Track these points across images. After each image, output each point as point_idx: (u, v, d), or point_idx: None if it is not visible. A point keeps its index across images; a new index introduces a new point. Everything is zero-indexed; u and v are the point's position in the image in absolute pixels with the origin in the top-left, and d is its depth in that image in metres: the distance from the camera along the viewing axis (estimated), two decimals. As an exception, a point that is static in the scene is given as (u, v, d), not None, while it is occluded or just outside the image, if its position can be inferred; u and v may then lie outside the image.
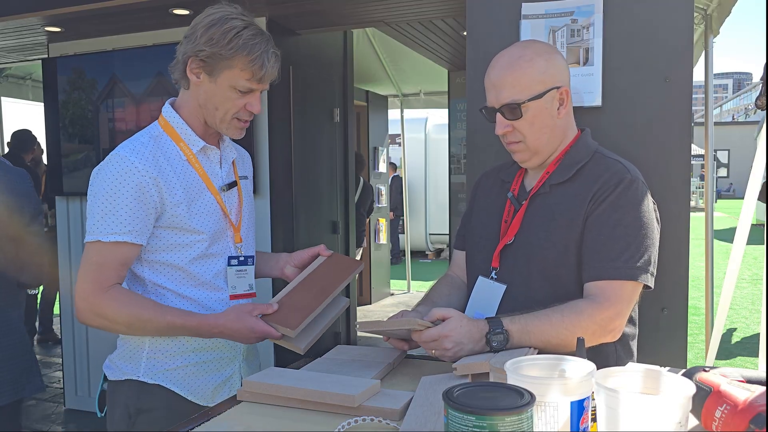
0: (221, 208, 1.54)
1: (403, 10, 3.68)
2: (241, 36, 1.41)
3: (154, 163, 1.44)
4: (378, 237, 7.44)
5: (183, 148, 1.50)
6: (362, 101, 6.89)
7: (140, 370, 1.49)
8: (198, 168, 1.51)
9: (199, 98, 1.49)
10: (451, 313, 1.29)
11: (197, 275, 1.51)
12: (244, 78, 1.44)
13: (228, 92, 1.46)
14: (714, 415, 0.93)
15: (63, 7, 3.34)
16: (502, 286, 1.44)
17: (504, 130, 1.43)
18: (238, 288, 1.57)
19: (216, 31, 1.41)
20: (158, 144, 1.48)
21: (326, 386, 1.15)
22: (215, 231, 1.52)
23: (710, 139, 3.77)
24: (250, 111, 1.50)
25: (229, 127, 1.52)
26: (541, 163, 1.48)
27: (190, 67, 1.46)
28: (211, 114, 1.50)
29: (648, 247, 1.35)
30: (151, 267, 1.49)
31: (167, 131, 1.51)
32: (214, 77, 1.45)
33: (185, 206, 1.46)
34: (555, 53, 1.45)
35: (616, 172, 1.39)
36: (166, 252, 1.48)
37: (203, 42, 1.42)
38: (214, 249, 1.53)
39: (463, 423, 0.71)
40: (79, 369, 4.09)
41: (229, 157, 1.62)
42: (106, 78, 3.78)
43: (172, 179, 1.46)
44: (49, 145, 4.01)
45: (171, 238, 1.47)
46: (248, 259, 1.60)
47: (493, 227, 1.51)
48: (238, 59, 1.42)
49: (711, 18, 3.70)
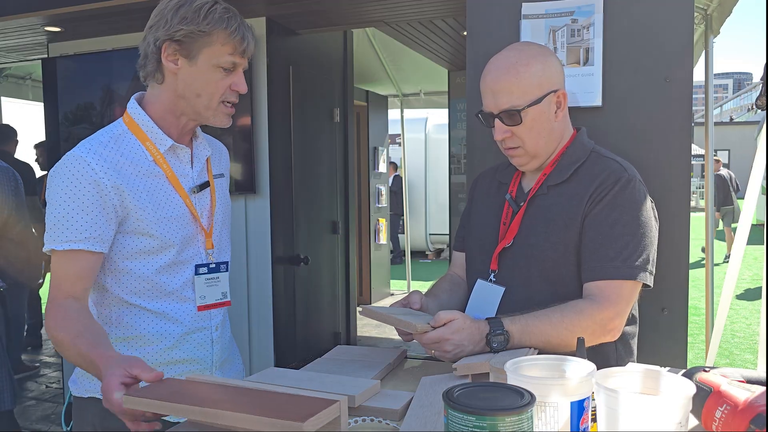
0: (191, 212, 1.44)
1: (403, 10, 3.68)
2: (216, 10, 1.34)
3: (114, 164, 1.34)
4: (378, 237, 7.44)
5: (149, 148, 1.40)
6: (362, 101, 6.89)
7: (93, 384, 1.39)
8: (166, 169, 1.41)
9: (177, 89, 1.38)
10: (456, 316, 1.29)
11: (162, 285, 1.40)
12: (227, 52, 1.36)
13: (210, 73, 1.37)
14: (714, 416, 0.93)
15: (63, 7, 3.34)
16: (501, 289, 1.44)
17: (503, 136, 1.42)
18: (209, 297, 1.47)
19: (187, 10, 1.33)
20: (120, 143, 1.38)
21: (326, 386, 1.15)
22: (183, 237, 1.42)
23: (710, 139, 3.77)
24: (236, 91, 1.41)
25: (216, 114, 1.41)
26: (539, 166, 1.48)
27: (166, 54, 1.35)
28: (192, 103, 1.39)
29: (646, 245, 1.35)
30: (114, 276, 1.38)
31: (132, 129, 1.40)
32: (193, 59, 1.35)
33: (151, 210, 1.37)
34: (550, 56, 1.44)
35: (613, 171, 1.39)
36: (130, 260, 1.38)
37: (176, 23, 1.33)
38: (183, 256, 1.43)
39: (463, 423, 0.71)
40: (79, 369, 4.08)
41: (203, 155, 1.51)
42: (106, 78, 3.78)
43: (135, 182, 1.36)
44: (49, 145, 4.01)
45: (135, 245, 1.37)
46: (221, 266, 1.50)
47: (491, 229, 1.51)
48: (216, 34, 1.34)
49: (711, 18, 3.70)
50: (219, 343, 1.53)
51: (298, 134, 3.83)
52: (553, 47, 1.81)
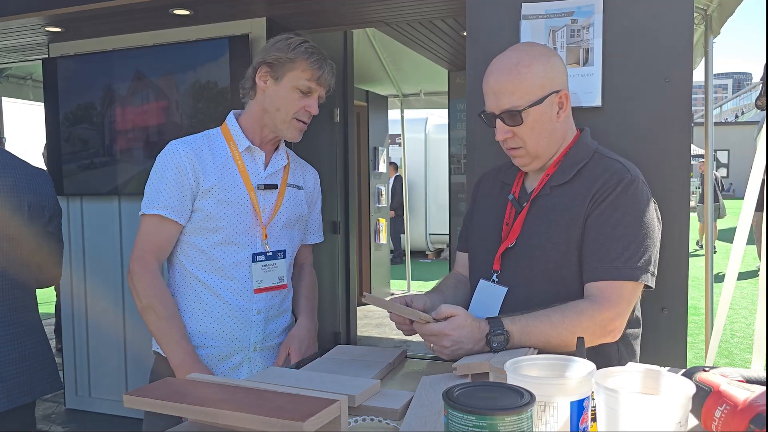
0: (252, 203, 1.68)
1: (403, 10, 3.68)
2: (303, 45, 1.66)
3: (197, 151, 1.65)
4: (378, 237, 7.44)
5: (231, 147, 1.70)
6: (362, 101, 6.89)
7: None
8: (240, 164, 1.69)
9: (264, 102, 1.68)
10: (458, 311, 1.29)
11: (217, 260, 1.66)
12: (305, 78, 1.65)
13: (290, 93, 1.65)
14: (714, 415, 0.93)
15: (63, 7, 3.34)
16: (504, 289, 1.44)
17: (504, 137, 1.43)
18: (265, 282, 1.70)
19: (282, 43, 1.66)
20: (210, 140, 1.70)
21: (326, 386, 1.15)
22: (239, 222, 1.67)
23: (710, 139, 3.77)
24: (309, 112, 1.68)
25: (289, 128, 1.69)
26: (542, 166, 1.48)
27: (259, 74, 1.67)
28: (272, 116, 1.68)
29: (648, 246, 1.35)
30: (181, 247, 1.68)
31: (223, 132, 1.73)
32: (279, 80, 1.65)
33: (216, 192, 1.64)
34: (553, 56, 1.44)
35: (615, 171, 1.39)
36: (194, 234, 1.66)
37: (272, 51, 1.66)
38: (237, 239, 1.67)
39: (463, 423, 0.71)
40: (79, 369, 4.09)
41: (279, 163, 1.76)
42: (107, 78, 3.78)
43: (210, 167, 1.65)
44: (49, 146, 4.01)
45: (199, 222, 1.65)
46: (278, 254, 1.73)
47: (494, 230, 1.51)
48: (299, 61, 1.64)
49: (711, 18, 3.70)
50: (260, 326, 1.71)
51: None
52: (553, 47, 1.81)
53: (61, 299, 4.15)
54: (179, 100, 3.61)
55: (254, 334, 1.70)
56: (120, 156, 3.80)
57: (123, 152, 3.78)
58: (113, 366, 3.98)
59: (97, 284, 3.98)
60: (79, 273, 4.03)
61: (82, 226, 4.02)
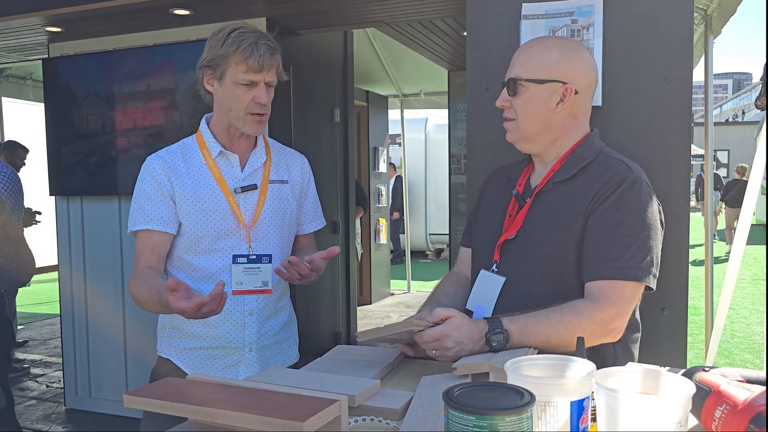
0: (232, 208, 1.66)
1: (403, 10, 3.68)
2: (231, 35, 1.58)
3: (170, 163, 1.66)
4: (378, 237, 7.44)
5: (204, 154, 1.69)
6: (362, 101, 6.89)
7: (161, 345, 1.75)
8: (215, 171, 1.67)
9: (220, 106, 1.66)
10: (453, 313, 1.29)
11: (203, 268, 1.66)
12: (241, 71, 1.58)
13: (234, 89, 1.60)
14: (714, 415, 0.93)
15: (63, 7, 3.34)
16: (502, 279, 1.45)
17: (502, 103, 1.49)
18: (246, 284, 1.67)
19: (212, 40, 1.61)
20: (184, 150, 1.70)
21: (326, 386, 1.15)
22: (220, 229, 1.65)
23: (710, 139, 3.77)
24: (258, 102, 1.62)
25: (246, 123, 1.64)
26: (538, 155, 1.50)
27: (206, 78, 1.64)
28: (228, 116, 1.64)
29: (650, 248, 1.35)
30: (170, 259, 1.69)
31: (198, 140, 1.71)
32: (221, 80, 1.61)
33: (192, 202, 1.63)
34: (578, 53, 1.46)
35: (618, 171, 1.39)
36: (177, 246, 1.67)
37: (206, 52, 1.62)
38: (219, 245, 1.66)
39: (463, 423, 0.71)
40: (79, 369, 4.09)
41: (257, 161, 1.73)
42: (107, 78, 3.78)
43: (184, 178, 1.65)
44: (49, 146, 4.01)
45: (181, 233, 1.65)
46: (262, 258, 1.68)
47: (497, 222, 1.52)
48: (231, 56, 1.58)
49: (711, 18, 3.70)
50: (254, 327, 1.71)
51: (299, 134, 3.83)
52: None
53: (61, 299, 4.15)
54: (179, 100, 3.61)
55: (249, 335, 1.70)
56: (120, 156, 3.80)
57: (123, 152, 3.78)
58: (113, 366, 3.98)
59: (97, 284, 3.98)
60: (79, 273, 4.03)
61: (82, 226, 4.02)
